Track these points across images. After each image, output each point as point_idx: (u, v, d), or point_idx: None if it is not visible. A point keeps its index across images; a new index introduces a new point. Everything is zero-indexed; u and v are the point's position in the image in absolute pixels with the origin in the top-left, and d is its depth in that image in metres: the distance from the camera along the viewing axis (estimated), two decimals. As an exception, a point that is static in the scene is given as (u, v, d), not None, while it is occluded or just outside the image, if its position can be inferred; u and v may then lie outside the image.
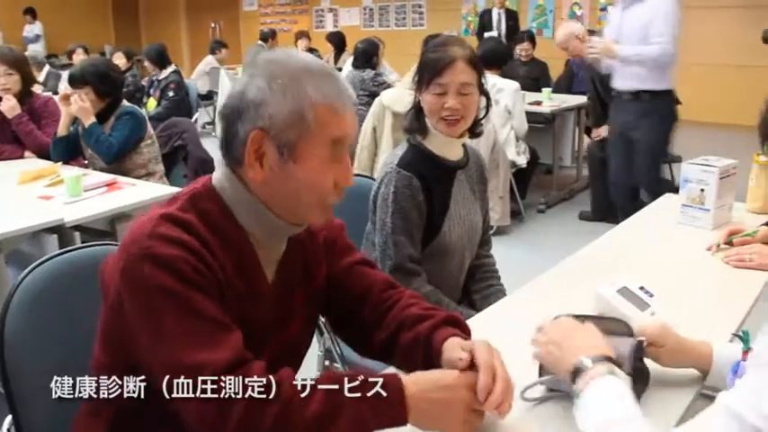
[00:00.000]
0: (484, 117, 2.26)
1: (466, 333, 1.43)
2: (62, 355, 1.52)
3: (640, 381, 1.34)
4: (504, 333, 1.72)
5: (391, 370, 1.45)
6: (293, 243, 1.41)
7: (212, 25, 13.49)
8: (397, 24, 11.56)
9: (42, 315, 1.54)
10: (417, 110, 2.21)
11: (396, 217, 2.11)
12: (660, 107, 4.51)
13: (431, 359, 1.36)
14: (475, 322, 1.80)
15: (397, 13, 11.54)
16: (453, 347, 1.33)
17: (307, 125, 1.24)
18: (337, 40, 9.74)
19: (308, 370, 1.55)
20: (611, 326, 1.38)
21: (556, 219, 5.75)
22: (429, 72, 2.14)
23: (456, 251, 2.24)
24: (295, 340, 1.47)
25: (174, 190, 3.39)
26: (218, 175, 1.35)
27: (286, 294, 1.41)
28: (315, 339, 1.81)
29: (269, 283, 1.38)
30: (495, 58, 5.57)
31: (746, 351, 1.27)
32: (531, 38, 7.53)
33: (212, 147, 4.69)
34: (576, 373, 1.18)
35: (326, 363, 2.37)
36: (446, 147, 2.21)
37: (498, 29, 8.74)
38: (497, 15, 8.82)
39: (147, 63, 6.87)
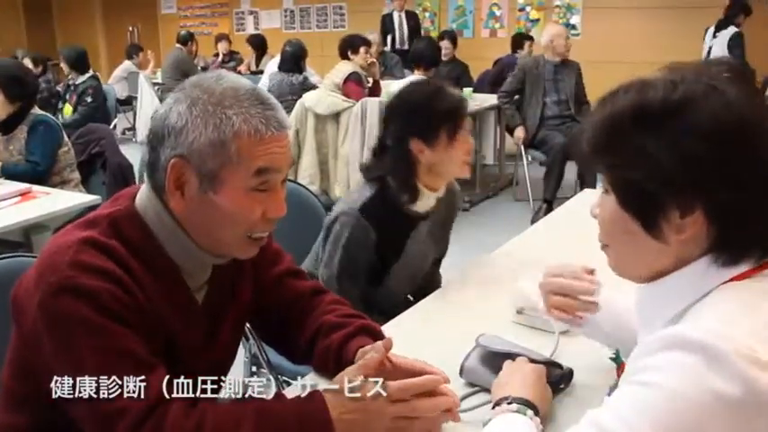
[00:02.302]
0: None
1: None
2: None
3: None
4: (423, 331, 1.75)
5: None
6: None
7: (130, 29, 13.17)
8: (319, 26, 11.52)
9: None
10: (407, 172, 2.01)
11: (343, 262, 2.00)
12: None
13: (343, 368, 1.33)
14: (395, 320, 1.82)
15: (318, 14, 11.49)
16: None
17: (228, 155, 1.17)
18: (258, 43, 9.65)
19: (236, 374, 1.54)
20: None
21: (480, 216, 5.84)
22: (452, 121, 1.98)
23: (397, 295, 2.17)
24: (223, 356, 1.45)
25: (91, 198, 3.35)
26: (143, 197, 1.28)
27: (216, 315, 1.38)
28: (240, 345, 1.79)
29: (199, 305, 1.34)
30: (426, 58, 5.60)
31: (619, 368, 1.32)
32: (452, 38, 7.61)
33: (132, 153, 4.61)
34: (498, 404, 1.27)
35: (253, 368, 2.36)
36: (427, 200, 2.07)
37: (400, 31, 8.80)
38: (398, 18, 8.88)
39: (63, 65, 6.61)
